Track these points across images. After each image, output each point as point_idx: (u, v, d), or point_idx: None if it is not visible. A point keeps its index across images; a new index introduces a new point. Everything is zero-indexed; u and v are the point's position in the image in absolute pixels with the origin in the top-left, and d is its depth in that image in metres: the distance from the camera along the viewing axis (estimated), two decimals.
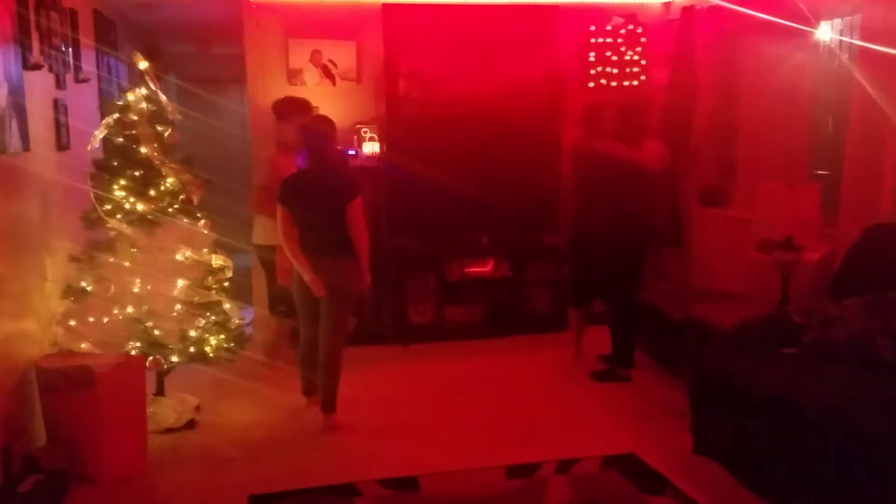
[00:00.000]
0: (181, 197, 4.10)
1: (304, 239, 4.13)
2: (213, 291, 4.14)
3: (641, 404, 4.41)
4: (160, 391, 4.18)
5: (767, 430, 3.15)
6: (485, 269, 5.83)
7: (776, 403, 3.12)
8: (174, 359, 4.03)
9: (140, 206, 3.98)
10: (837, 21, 4.68)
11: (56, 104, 4.14)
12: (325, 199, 4.08)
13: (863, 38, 4.26)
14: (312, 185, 4.12)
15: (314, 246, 4.10)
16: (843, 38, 4.63)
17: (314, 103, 5.40)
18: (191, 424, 4.11)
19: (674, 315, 4.76)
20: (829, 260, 4.33)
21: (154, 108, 4.09)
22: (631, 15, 5.96)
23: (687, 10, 5.72)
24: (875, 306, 3.35)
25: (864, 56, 4.22)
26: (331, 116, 5.15)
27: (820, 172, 4.98)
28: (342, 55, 5.63)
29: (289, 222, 4.10)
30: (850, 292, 3.61)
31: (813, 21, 4.67)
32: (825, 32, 4.74)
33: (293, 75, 5.59)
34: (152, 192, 4.01)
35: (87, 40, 4.83)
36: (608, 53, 5.96)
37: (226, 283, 4.23)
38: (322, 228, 4.09)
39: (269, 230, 4.63)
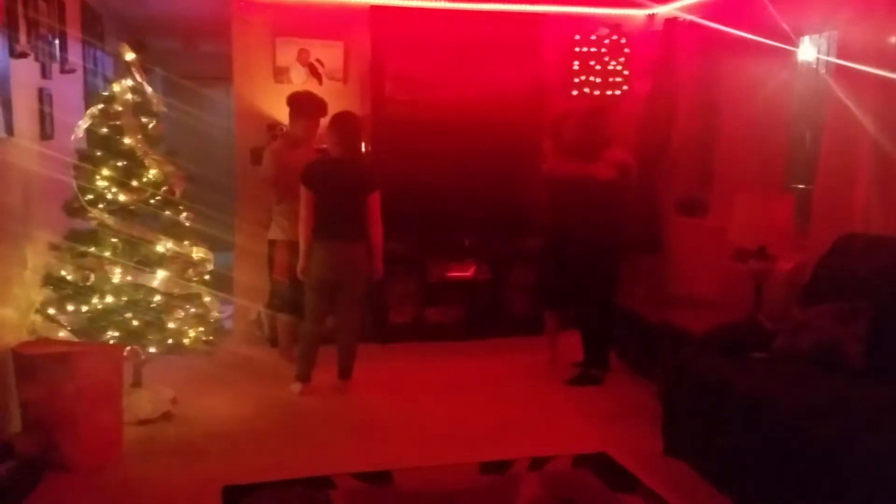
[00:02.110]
0: (164, 189, 4.12)
1: (321, 224, 4.37)
2: (194, 284, 4.15)
3: (615, 406, 4.47)
4: (137, 382, 4.18)
5: (736, 433, 3.21)
6: (465, 271, 5.88)
7: (746, 406, 3.18)
8: (152, 349, 4.04)
9: (122, 197, 3.99)
10: (816, 37, 4.78)
11: (41, 93, 4.15)
12: (351, 187, 4.41)
13: (839, 55, 4.37)
14: (341, 172, 4.41)
15: (332, 231, 4.38)
16: (819, 56, 4.73)
17: None
18: (167, 416, 4.11)
19: (649, 320, 4.84)
20: (801, 269, 4.42)
21: (139, 100, 4.10)
22: (615, 25, 6.05)
23: (670, 22, 5.82)
24: (844, 313, 3.43)
25: (839, 72, 4.32)
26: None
27: (798, 186, 5.07)
28: (329, 55, 5.66)
29: (313, 205, 4.35)
30: (821, 300, 3.68)
31: (792, 37, 4.77)
32: (804, 48, 4.84)
33: (280, 73, 5.61)
34: (135, 183, 4.02)
35: (73, 31, 4.83)
36: (592, 62, 6.04)
37: (206, 276, 4.24)
38: (343, 214, 4.39)
39: (285, 227, 4.71)
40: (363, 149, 4.73)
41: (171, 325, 4.05)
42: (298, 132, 4.80)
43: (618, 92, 6.07)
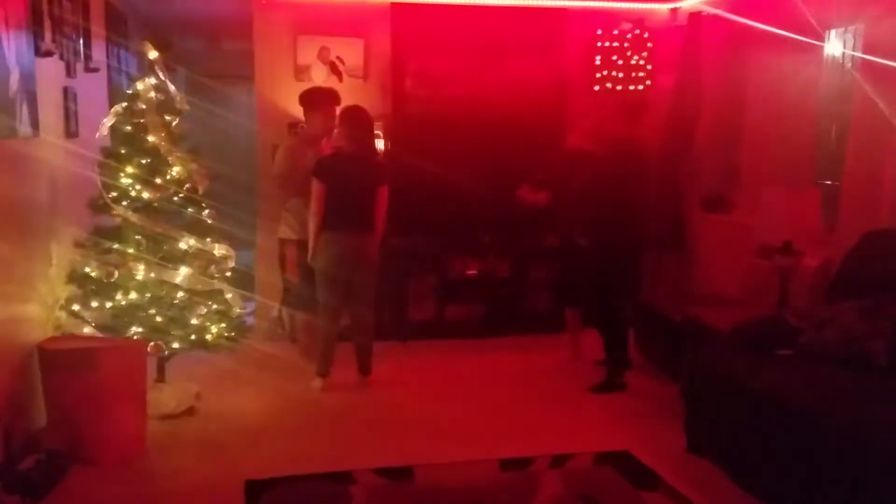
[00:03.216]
0: (187, 186, 4.15)
1: (332, 216, 4.42)
2: (216, 280, 4.17)
3: (637, 404, 4.44)
4: (161, 378, 4.22)
5: (759, 430, 3.18)
6: (486, 268, 5.86)
7: (769, 403, 3.15)
8: (175, 345, 4.07)
9: (146, 194, 4.02)
10: (842, 30, 4.71)
11: (66, 92, 4.19)
12: (363, 179, 4.45)
13: (865, 49, 4.30)
14: (353, 166, 4.45)
15: (343, 223, 4.42)
16: (845, 50, 4.66)
17: None
18: (190, 411, 4.15)
19: (672, 317, 4.79)
20: (828, 266, 4.36)
21: (162, 98, 4.13)
22: (638, 20, 6.00)
23: (694, 17, 5.76)
24: (869, 310, 3.38)
25: (865, 66, 4.26)
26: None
27: (825, 182, 4.99)
28: (350, 52, 5.67)
29: (324, 197, 4.41)
30: (847, 296, 3.64)
31: (818, 30, 4.70)
32: (830, 43, 4.77)
33: (301, 71, 5.63)
34: (159, 181, 4.05)
35: (98, 30, 4.88)
36: (614, 57, 6.00)
37: (228, 273, 4.27)
38: (354, 207, 4.43)
39: (294, 225, 4.72)
40: (376, 143, 4.71)
41: (193, 321, 4.08)
42: (318, 126, 4.80)
43: (640, 87, 6.02)
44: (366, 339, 4.68)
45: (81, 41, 4.46)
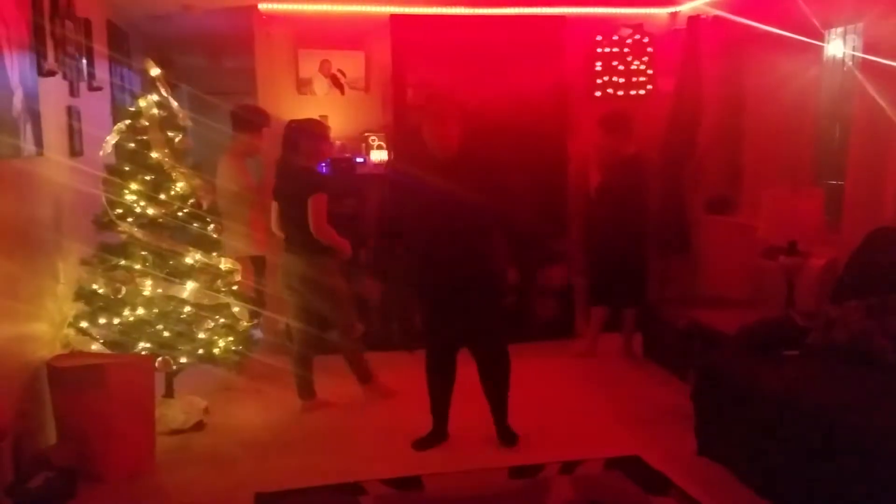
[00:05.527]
0: (191, 201, 4.16)
1: (284, 234, 4.44)
2: (222, 294, 4.18)
3: (647, 408, 4.41)
4: (169, 393, 4.23)
5: (769, 432, 3.16)
6: None
7: (779, 404, 3.13)
8: (183, 360, 4.08)
9: (151, 210, 4.04)
10: (842, 30, 4.71)
11: (69, 110, 4.23)
12: (295, 193, 4.29)
13: (866, 49, 4.30)
14: (288, 179, 4.36)
15: (286, 241, 4.44)
16: (846, 50, 4.66)
17: (323, 112, 5.49)
18: (199, 426, 4.15)
19: (679, 321, 4.79)
20: (833, 265, 4.35)
21: (165, 114, 4.16)
22: (637, 25, 6.01)
23: (693, 20, 5.77)
24: (876, 308, 3.37)
25: (866, 65, 4.25)
26: (340, 125, 5.23)
27: (829, 182, 4.98)
28: (351, 65, 5.70)
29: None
30: (853, 295, 3.63)
31: (819, 30, 4.70)
32: (831, 42, 4.77)
33: (302, 85, 5.67)
34: (163, 197, 4.07)
35: (100, 49, 4.92)
36: (615, 63, 6.02)
37: (234, 287, 4.28)
38: (289, 224, 4.37)
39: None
40: (307, 152, 4.34)
41: (201, 335, 4.08)
42: (243, 147, 4.84)
43: (642, 91, 6.03)
44: (346, 350, 4.54)
45: (84, 60, 4.50)
